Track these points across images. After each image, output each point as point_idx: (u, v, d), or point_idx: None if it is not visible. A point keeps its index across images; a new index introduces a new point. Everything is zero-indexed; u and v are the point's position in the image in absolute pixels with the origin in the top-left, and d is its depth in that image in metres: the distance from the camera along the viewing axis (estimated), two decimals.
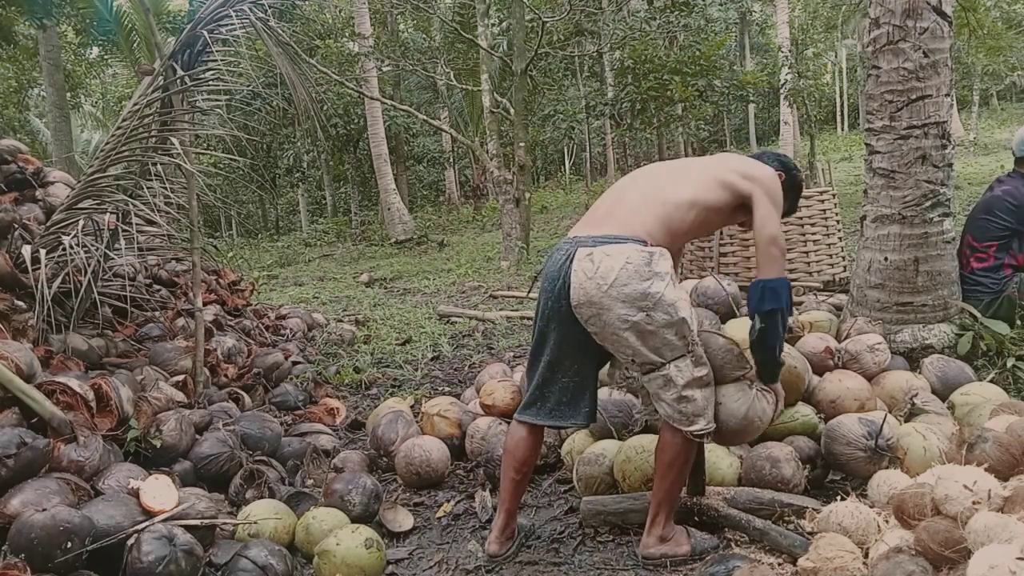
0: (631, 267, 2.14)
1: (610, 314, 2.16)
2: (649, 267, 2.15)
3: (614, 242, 2.20)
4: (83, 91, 21.22)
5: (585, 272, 2.18)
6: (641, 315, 2.14)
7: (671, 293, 2.16)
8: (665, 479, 2.30)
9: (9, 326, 3.10)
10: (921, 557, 1.86)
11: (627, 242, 2.20)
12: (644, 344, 2.17)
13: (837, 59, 29.15)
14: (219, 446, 3.01)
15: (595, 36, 13.75)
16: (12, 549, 2.04)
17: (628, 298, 2.13)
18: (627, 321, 2.14)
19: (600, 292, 2.15)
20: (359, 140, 17.88)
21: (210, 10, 3.43)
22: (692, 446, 2.29)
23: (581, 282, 2.18)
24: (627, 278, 2.13)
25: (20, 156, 4.06)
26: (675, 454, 2.27)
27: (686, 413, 2.21)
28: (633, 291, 2.13)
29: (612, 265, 2.15)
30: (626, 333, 2.16)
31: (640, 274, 2.13)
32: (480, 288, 8.33)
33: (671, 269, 2.21)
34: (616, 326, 2.16)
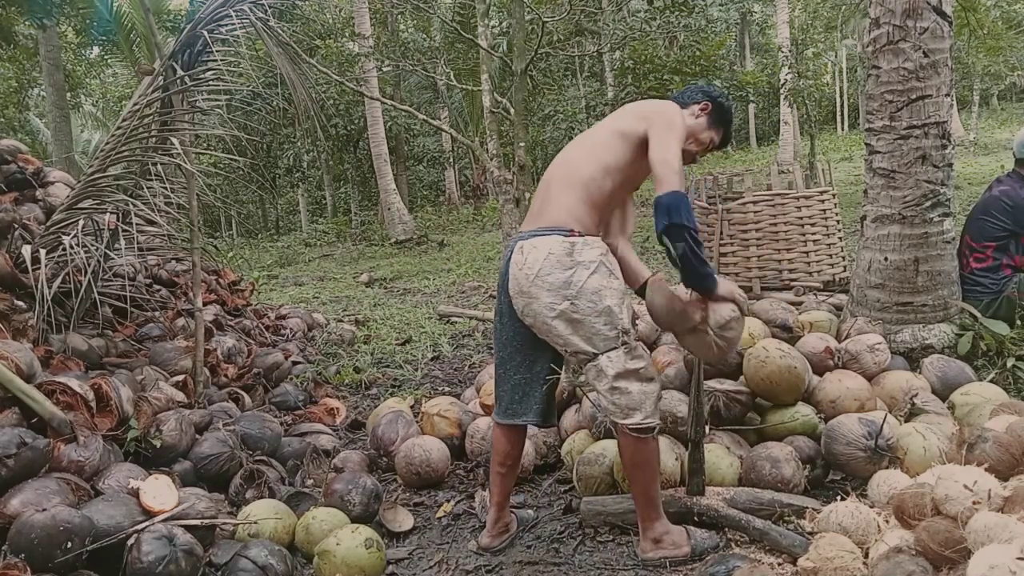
0: (553, 257, 2.23)
1: (538, 303, 2.24)
2: (571, 256, 2.23)
3: (542, 234, 2.29)
4: (83, 91, 21.22)
5: (517, 264, 2.29)
6: (566, 303, 2.21)
7: (595, 282, 2.21)
8: (634, 481, 2.33)
9: (9, 326, 3.10)
10: (921, 557, 1.86)
11: (552, 233, 2.28)
12: (574, 333, 2.23)
13: (837, 59, 29.14)
14: (219, 446, 3.01)
15: (595, 36, 13.74)
16: (12, 549, 2.04)
17: (552, 287, 2.22)
18: (554, 309, 2.22)
19: (528, 282, 2.24)
20: (359, 140, 17.87)
21: (210, 10, 3.43)
22: (645, 443, 2.27)
23: (514, 274, 2.29)
24: (550, 268, 2.22)
25: (20, 156, 4.06)
26: (631, 454, 2.29)
27: (620, 405, 2.24)
28: (556, 280, 2.21)
29: (537, 256, 2.24)
30: (555, 321, 2.23)
31: (562, 263, 2.22)
32: (480, 288, 8.33)
33: (599, 258, 2.25)
34: (544, 315, 2.24)
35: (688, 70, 12.05)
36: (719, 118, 2.54)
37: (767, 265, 5.15)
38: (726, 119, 2.57)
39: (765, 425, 2.89)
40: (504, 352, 2.46)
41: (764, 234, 5.18)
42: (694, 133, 2.50)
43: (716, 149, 2.64)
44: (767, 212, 5.17)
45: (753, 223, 5.19)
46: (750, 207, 5.18)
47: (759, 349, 2.89)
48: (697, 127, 2.50)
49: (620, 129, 2.38)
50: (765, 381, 2.85)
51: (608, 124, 2.46)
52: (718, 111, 2.53)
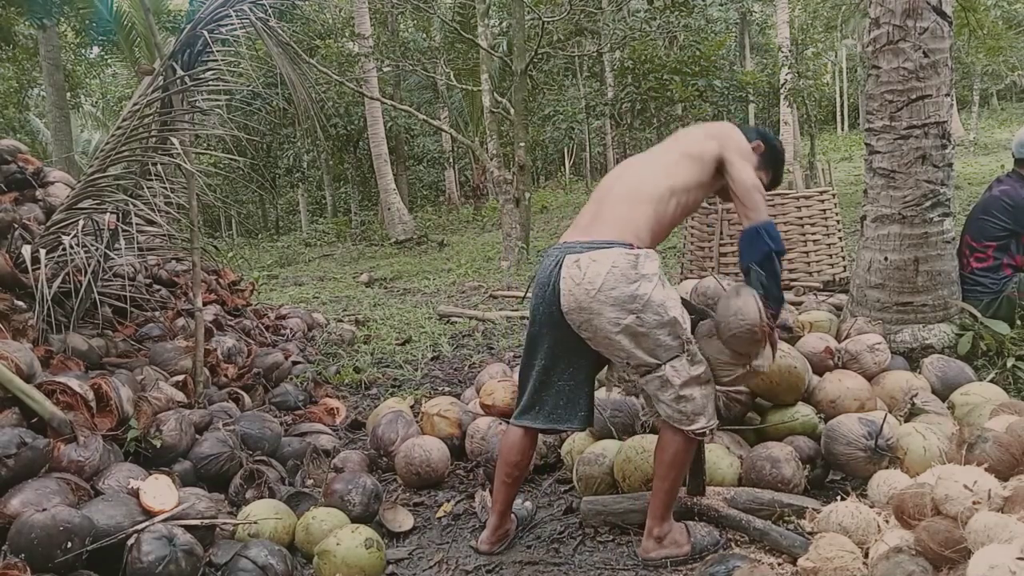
0: (617, 271, 2.16)
1: (601, 318, 2.17)
2: (635, 270, 2.17)
3: (600, 247, 2.23)
4: (83, 91, 21.23)
5: (573, 279, 2.21)
6: (631, 317, 2.15)
7: (659, 294, 2.17)
8: (665, 479, 2.31)
9: (9, 326, 3.10)
10: (921, 557, 1.86)
11: (613, 246, 2.22)
12: (638, 346, 2.19)
13: (837, 59, 29.14)
14: (219, 446, 3.01)
15: (595, 36, 13.75)
16: (12, 549, 2.04)
17: (617, 301, 2.15)
18: (618, 324, 2.16)
19: (589, 297, 2.17)
20: (359, 140, 17.88)
21: (210, 10, 3.43)
22: (692, 445, 2.29)
23: (570, 288, 2.21)
24: (614, 282, 2.15)
25: (20, 156, 4.06)
26: (675, 453, 2.27)
27: (686, 412, 2.21)
28: (621, 294, 2.15)
29: (599, 270, 2.17)
30: (618, 336, 2.18)
31: (627, 277, 2.16)
32: (480, 288, 8.33)
33: (658, 270, 2.23)
34: (608, 330, 2.18)
35: (688, 70, 12.05)
36: (770, 159, 2.55)
37: None
38: (777, 160, 2.59)
39: (765, 425, 2.89)
40: (547, 360, 2.38)
41: None
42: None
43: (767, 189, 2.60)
44: None
45: None
46: None
47: None
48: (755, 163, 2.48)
49: (690, 152, 2.38)
50: (765, 381, 2.85)
51: (675, 146, 2.45)
52: (770, 152, 2.55)
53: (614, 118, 14.30)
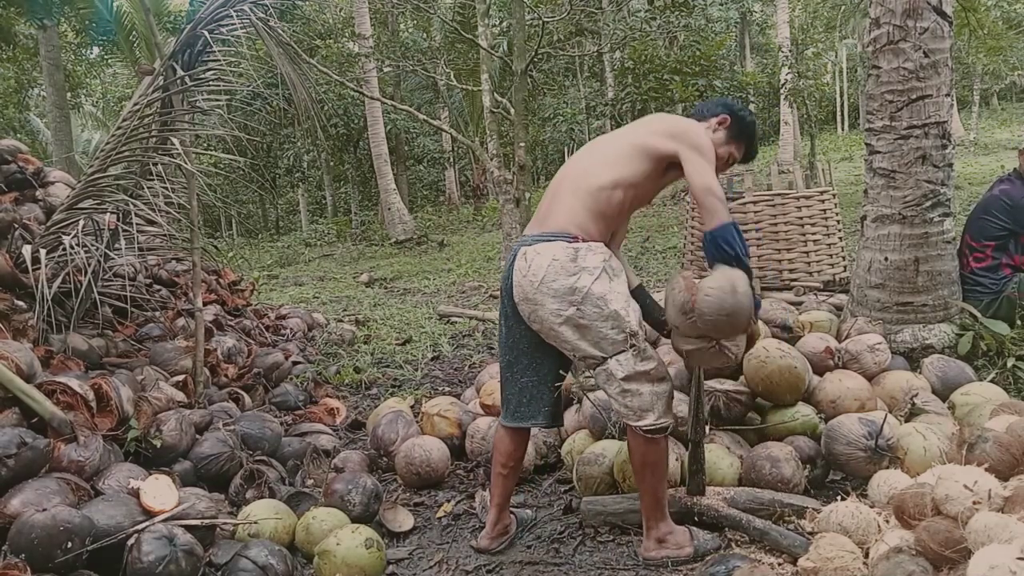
0: (557, 263, 2.21)
1: (543, 309, 2.23)
2: (575, 262, 2.21)
3: (545, 240, 2.27)
4: (83, 91, 21.21)
5: (520, 271, 2.27)
6: (572, 309, 2.20)
7: (600, 286, 2.19)
8: (643, 481, 2.32)
9: (9, 326, 3.10)
10: (921, 557, 1.86)
11: (556, 239, 2.26)
12: (582, 338, 2.22)
13: (837, 59, 29.14)
14: (219, 446, 3.01)
15: (595, 36, 13.74)
16: (12, 549, 2.04)
17: (557, 293, 2.20)
18: (560, 315, 2.21)
19: (533, 289, 2.23)
20: (359, 140, 17.88)
21: (210, 10, 3.43)
22: (656, 444, 2.27)
23: (518, 280, 2.28)
24: (554, 274, 2.20)
25: (20, 156, 4.06)
26: (641, 455, 2.28)
27: (632, 407, 2.23)
28: (561, 286, 2.20)
29: (541, 263, 2.23)
30: (561, 327, 2.22)
31: (566, 269, 2.20)
32: (480, 288, 8.33)
33: (602, 263, 2.23)
34: (551, 321, 2.23)
35: (688, 70, 12.04)
36: (738, 131, 2.48)
37: (767, 265, 5.14)
38: (747, 132, 2.50)
39: (765, 425, 2.89)
40: (510, 355, 2.44)
41: (764, 234, 5.18)
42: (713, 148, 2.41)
43: (741, 163, 2.58)
44: (767, 212, 5.17)
45: (753, 223, 5.18)
46: (750, 207, 5.17)
47: (759, 349, 2.89)
48: (715, 142, 2.43)
49: (643, 144, 2.33)
50: (765, 381, 2.85)
51: (628, 137, 2.41)
52: (737, 124, 2.47)
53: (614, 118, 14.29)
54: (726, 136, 2.47)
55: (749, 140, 2.53)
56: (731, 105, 2.52)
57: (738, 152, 2.51)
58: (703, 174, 2.23)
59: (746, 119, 2.50)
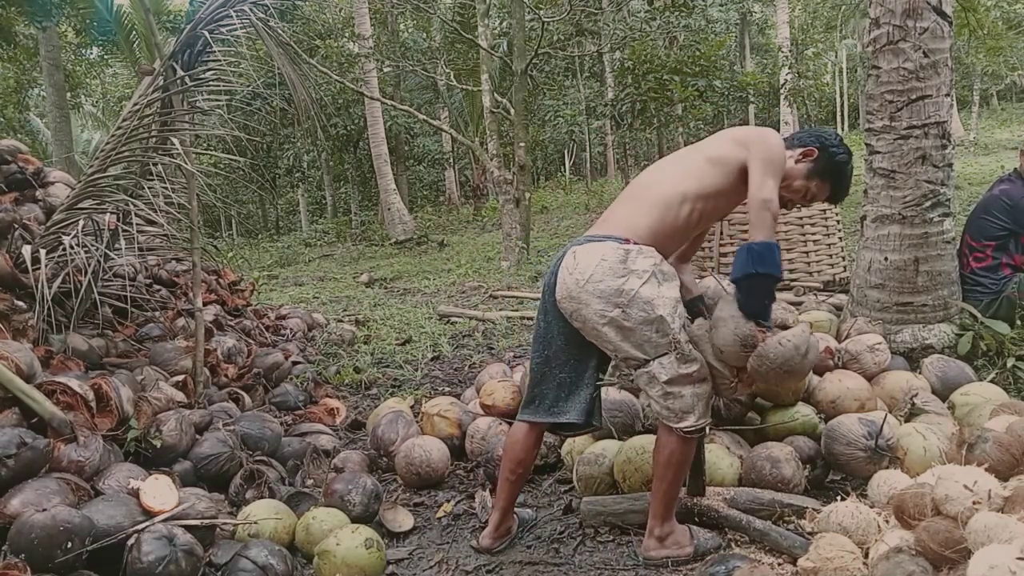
0: (606, 264, 2.19)
1: (588, 309, 2.21)
2: (624, 264, 2.19)
3: (597, 240, 2.26)
4: (83, 91, 21.21)
5: (567, 268, 2.26)
6: (617, 311, 2.18)
7: (647, 291, 2.17)
8: (663, 479, 2.30)
9: (9, 326, 3.10)
10: (921, 557, 1.86)
11: (606, 240, 2.25)
12: (625, 340, 2.21)
13: (837, 59, 29.14)
14: (219, 446, 3.01)
15: (595, 36, 13.75)
16: (12, 549, 2.04)
17: (603, 294, 2.18)
18: (604, 316, 2.19)
19: (578, 287, 2.21)
20: (359, 140, 17.88)
21: (210, 10, 3.43)
22: (687, 444, 2.27)
23: (563, 278, 2.26)
24: (602, 274, 2.18)
25: (20, 156, 4.06)
26: (670, 453, 2.27)
27: (673, 409, 2.22)
28: (608, 287, 2.18)
29: (589, 262, 2.21)
30: (605, 328, 2.21)
31: (614, 271, 2.18)
32: (480, 288, 8.33)
33: (652, 267, 2.20)
34: (595, 321, 2.21)
35: (688, 70, 12.05)
36: (825, 169, 2.37)
37: None
38: (835, 171, 2.39)
39: (765, 425, 2.89)
40: (548, 350, 2.40)
41: None
42: (789, 177, 2.35)
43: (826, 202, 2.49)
44: None
45: None
46: None
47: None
48: (795, 172, 2.36)
49: (714, 156, 2.30)
50: None
51: (701, 149, 2.38)
52: (825, 161, 2.37)
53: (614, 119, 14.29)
54: (808, 170, 2.38)
55: (837, 179, 2.42)
56: (824, 139, 2.40)
57: (819, 191, 2.41)
58: (763, 186, 2.17)
59: (837, 157, 2.38)
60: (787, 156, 2.34)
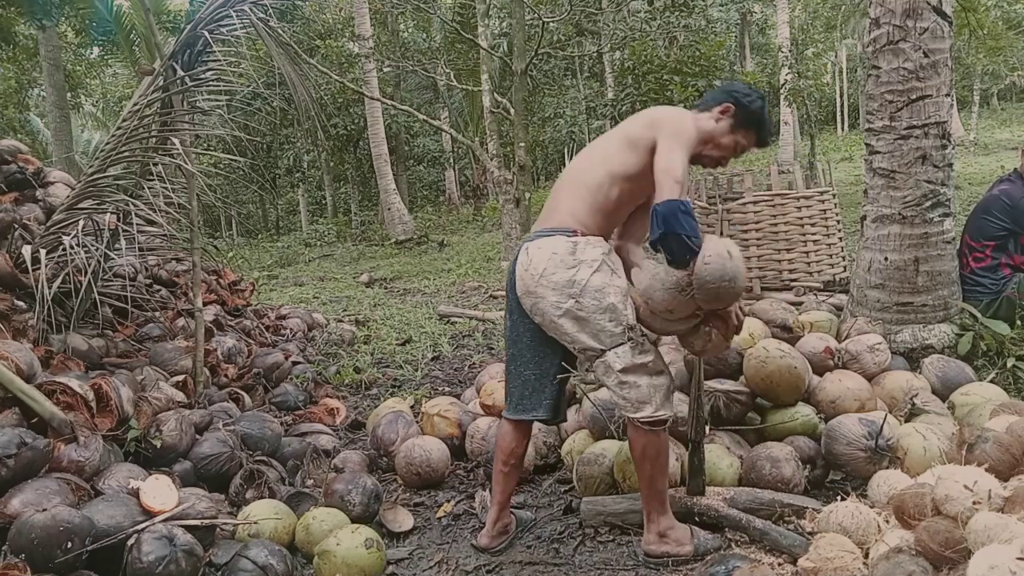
0: (557, 257, 2.27)
1: (544, 302, 2.28)
2: (573, 256, 2.27)
3: (546, 235, 2.34)
4: (83, 91, 21.19)
5: (523, 265, 2.33)
6: (571, 302, 2.24)
7: (597, 279, 2.24)
8: (643, 474, 2.33)
9: (9, 326, 3.10)
10: (921, 557, 1.86)
11: (555, 234, 2.32)
12: (581, 331, 2.26)
13: (837, 59, 29.14)
14: (219, 446, 3.01)
15: (595, 36, 13.74)
16: (12, 549, 2.05)
17: (557, 286, 2.25)
18: (559, 308, 2.26)
19: (534, 282, 2.29)
20: (359, 140, 17.88)
21: (210, 10, 3.43)
22: (655, 436, 2.28)
23: (521, 275, 2.34)
24: (554, 267, 2.26)
25: (20, 156, 4.06)
26: (642, 447, 2.29)
27: (630, 399, 2.26)
28: (560, 279, 2.25)
29: (542, 256, 2.29)
30: (561, 320, 2.27)
31: (565, 262, 2.26)
32: (480, 288, 8.33)
33: (601, 256, 2.27)
34: (551, 313, 2.28)
35: (688, 70, 12.04)
36: (744, 118, 2.42)
37: (767, 265, 5.15)
38: (754, 119, 2.44)
39: (765, 425, 2.89)
40: (514, 349, 2.48)
41: (764, 234, 5.18)
42: (713, 137, 2.41)
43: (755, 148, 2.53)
44: (767, 212, 5.18)
45: (753, 223, 5.19)
46: (750, 207, 5.18)
47: (759, 349, 2.89)
48: (718, 130, 2.41)
49: (629, 136, 2.36)
50: (765, 381, 2.85)
51: (618, 131, 2.44)
52: (742, 112, 2.42)
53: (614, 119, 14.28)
54: (731, 124, 2.42)
55: (758, 125, 2.46)
56: (735, 92, 2.45)
57: (747, 139, 2.46)
58: (667, 155, 2.20)
59: (751, 105, 2.43)
60: (706, 117, 2.43)
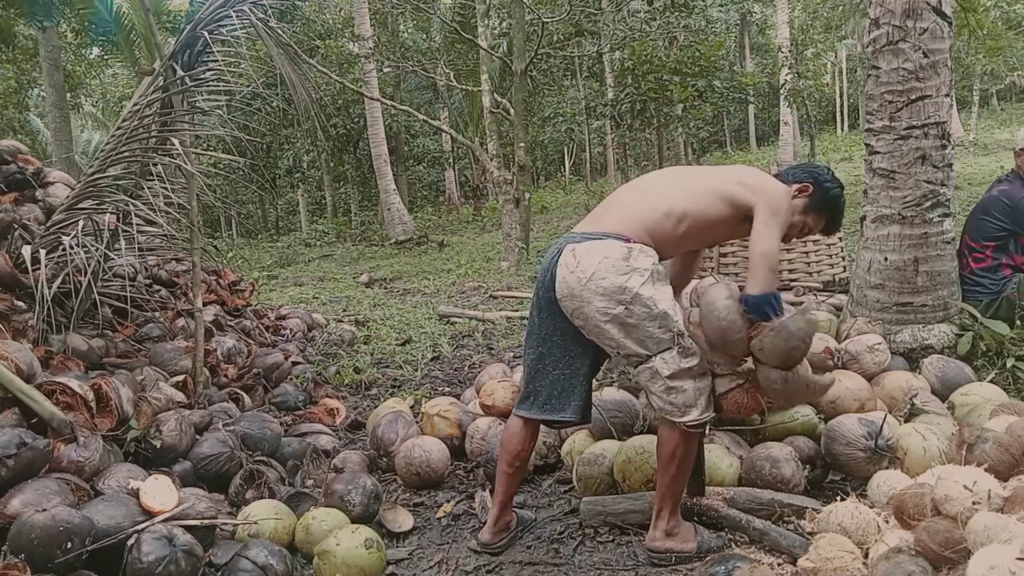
0: (608, 262, 2.21)
1: (590, 307, 2.22)
2: (627, 262, 2.21)
3: (597, 238, 2.27)
4: (83, 91, 21.21)
5: (567, 266, 2.26)
6: (620, 308, 2.19)
7: (649, 288, 2.20)
8: (667, 474, 2.32)
9: (9, 326, 3.10)
10: (921, 557, 1.86)
11: (608, 238, 2.26)
12: (628, 337, 2.22)
13: (837, 59, 29.14)
14: (219, 446, 3.01)
15: (595, 36, 13.75)
16: (12, 549, 2.05)
17: (606, 292, 2.20)
18: (607, 314, 2.21)
19: (580, 285, 2.22)
20: (359, 140, 17.88)
21: (210, 10, 3.43)
22: (690, 439, 2.29)
23: (564, 276, 2.27)
24: (605, 272, 2.20)
25: (20, 156, 4.05)
26: (674, 448, 2.28)
27: (676, 404, 2.23)
28: (611, 285, 2.19)
29: (592, 260, 2.22)
30: (607, 326, 2.22)
31: (617, 268, 2.20)
32: (480, 288, 8.33)
33: (652, 266, 2.24)
34: (597, 319, 2.22)
35: (688, 70, 12.05)
36: (819, 203, 2.42)
37: None
38: (829, 205, 2.44)
39: (765, 425, 2.89)
40: (543, 347, 2.42)
41: None
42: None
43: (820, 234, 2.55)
44: None
45: None
46: None
47: None
48: (792, 208, 2.38)
49: (722, 192, 2.32)
50: None
51: (713, 178, 2.39)
52: (819, 196, 2.41)
53: (614, 119, 14.29)
54: (805, 205, 2.42)
55: (831, 215, 2.47)
56: (818, 174, 2.45)
57: (815, 224, 2.46)
58: (766, 238, 2.21)
59: (830, 191, 2.43)
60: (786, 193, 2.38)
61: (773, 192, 2.29)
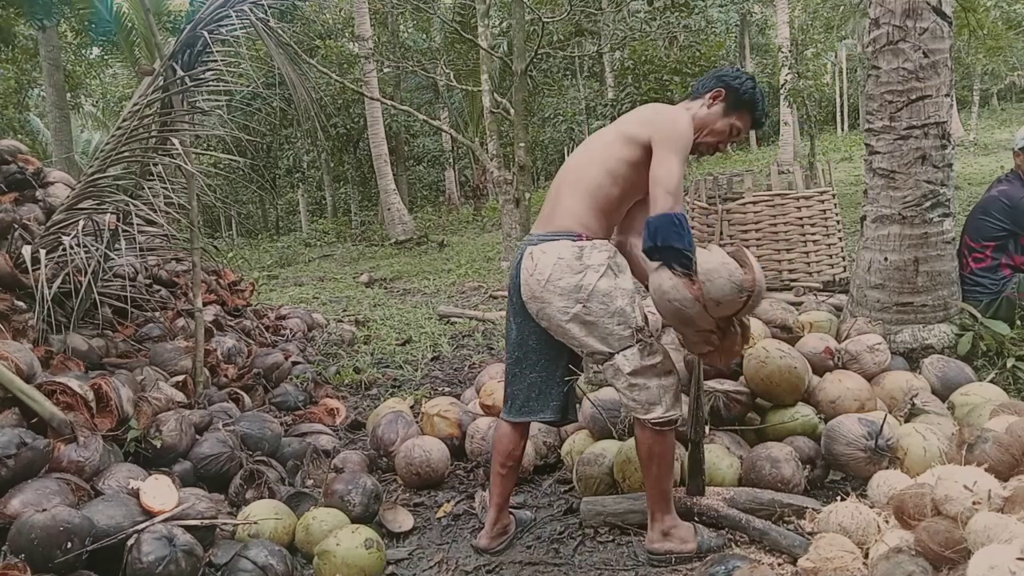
0: (563, 262, 2.25)
1: (551, 307, 2.27)
2: (580, 260, 2.25)
3: (550, 239, 2.32)
4: (83, 91, 21.20)
5: (528, 269, 2.31)
6: (579, 307, 2.23)
7: (604, 284, 2.23)
8: (649, 474, 2.33)
9: (9, 326, 3.10)
10: (921, 557, 1.86)
11: (560, 238, 2.30)
12: (589, 335, 2.25)
13: (837, 59, 29.14)
14: (219, 446, 3.01)
15: (595, 36, 13.74)
16: (12, 549, 2.04)
17: (564, 291, 2.24)
18: (567, 313, 2.25)
19: (540, 287, 2.27)
20: (359, 140, 17.88)
21: (210, 10, 3.43)
22: (662, 436, 2.29)
23: (525, 279, 2.32)
24: (560, 272, 2.24)
25: (20, 156, 4.05)
26: (648, 446, 2.29)
27: (640, 401, 2.25)
28: (567, 284, 2.24)
29: (547, 262, 2.27)
30: (569, 324, 2.26)
31: (572, 268, 2.24)
32: (480, 288, 8.33)
33: (607, 260, 2.26)
34: (559, 319, 2.27)
35: (688, 70, 12.05)
36: (736, 101, 2.41)
37: (767, 265, 5.15)
38: (746, 101, 2.42)
39: (765, 425, 2.90)
40: (519, 351, 2.46)
41: (764, 234, 5.19)
42: (707, 124, 2.41)
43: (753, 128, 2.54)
44: (767, 212, 5.18)
45: (753, 223, 5.19)
46: (750, 207, 5.18)
47: (759, 349, 2.89)
48: (710, 117, 2.40)
49: (625, 134, 2.34)
50: (765, 381, 2.85)
51: (614, 129, 2.42)
52: (733, 96, 2.40)
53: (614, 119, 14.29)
54: (723, 109, 2.42)
55: (751, 106, 2.44)
56: (725, 76, 2.44)
57: (742, 121, 2.44)
58: (663, 164, 2.19)
59: (742, 87, 2.41)
60: (698, 105, 2.43)
61: (665, 119, 2.28)
